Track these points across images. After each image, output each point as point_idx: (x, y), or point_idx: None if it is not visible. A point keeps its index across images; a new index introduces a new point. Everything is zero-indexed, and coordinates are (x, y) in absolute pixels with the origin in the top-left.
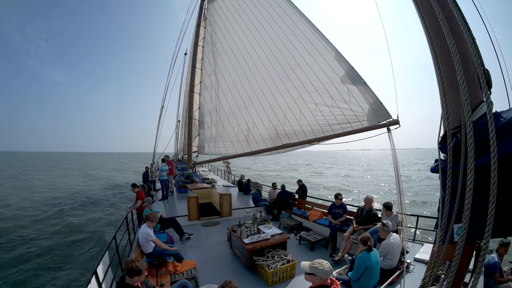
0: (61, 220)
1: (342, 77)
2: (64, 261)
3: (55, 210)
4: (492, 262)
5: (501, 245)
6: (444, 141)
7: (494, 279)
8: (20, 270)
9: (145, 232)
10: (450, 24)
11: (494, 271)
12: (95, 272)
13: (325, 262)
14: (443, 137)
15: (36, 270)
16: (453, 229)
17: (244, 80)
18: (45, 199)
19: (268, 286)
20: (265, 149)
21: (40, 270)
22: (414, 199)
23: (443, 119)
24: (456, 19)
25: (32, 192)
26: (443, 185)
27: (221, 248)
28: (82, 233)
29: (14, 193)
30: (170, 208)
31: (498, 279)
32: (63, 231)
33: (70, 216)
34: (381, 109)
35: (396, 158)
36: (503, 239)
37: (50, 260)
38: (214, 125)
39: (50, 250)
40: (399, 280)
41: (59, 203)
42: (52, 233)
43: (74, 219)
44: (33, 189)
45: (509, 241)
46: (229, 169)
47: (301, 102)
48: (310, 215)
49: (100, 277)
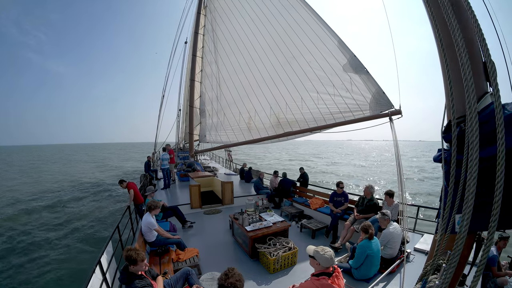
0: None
1: (344, 65)
2: (67, 252)
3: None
4: (490, 255)
5: (500, 239)
6: (447, 131)
7: (492, 272)
8: (23, 261)
9: (147, 221)
10: (457, 13)
11: (492, 264)
12: (99, 262)
13: (328, 249)
14: (447, 126)
15: (40, 260)
16: (455, 219)
17: (245, 68)
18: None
19: (269, 273)
20: (267, 137)
21: (43, 261)
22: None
23: (447, 108)
24: (464, 7)
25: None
26: (446, 175)
27: (223, 236)
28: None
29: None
30: (172, 196)
31: (496, 272)
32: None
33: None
34: (384, 99)
35: (398, 148)
36: (502, 232)
37: (54, 250)
38: (215, 113)
39: (54, 239)
40: (399, 269)
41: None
42: (56, 224)
43: (84, 207)
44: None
45: (508, 235)
46: (231, 157)
47: (303, 90)
48: (312, 203)
49: (104, 267)
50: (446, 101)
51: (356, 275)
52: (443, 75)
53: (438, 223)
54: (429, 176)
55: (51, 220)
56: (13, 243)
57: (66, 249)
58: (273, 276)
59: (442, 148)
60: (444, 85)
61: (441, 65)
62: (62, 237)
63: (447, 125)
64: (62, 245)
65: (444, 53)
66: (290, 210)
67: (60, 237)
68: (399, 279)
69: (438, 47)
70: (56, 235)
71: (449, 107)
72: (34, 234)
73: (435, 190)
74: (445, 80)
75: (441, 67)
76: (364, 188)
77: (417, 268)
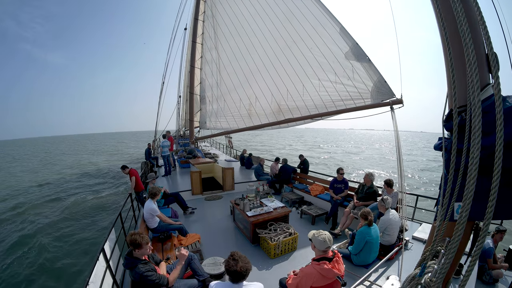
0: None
1: (346, 53)
2: (71, 241)
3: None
4: (487, 247)
5: (497, 232)
6: (448, 119)
7: (487, 264)
8: (26, 250)
9: (150, 207)
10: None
11: (488, 256)
12: (103, 249)
13: (325, 233)
14: (448, 115)
15: (43, 249)
16: (454, 207)
17: (246, 54)
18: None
19: (270, 258)
20: (267, 124)
21: (47, 250)
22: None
23: (449, 97)
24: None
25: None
26: (446, 163)
27: (224, 222)
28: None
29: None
30: (173, 183)
31: (491, 264)
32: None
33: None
34: (385, 88)
35: (399, 138)
36: (499, 226)
37: (57, 240)
38: (215, 100)
39: (57, 229)
40: (397, 256)
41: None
42: (61, 211)
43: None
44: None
45: (505, 228)
46: (231, 144)
47: (304, 77)
48: (312, 189)
49: (107, 254)
50: (448, 90)
51: (355, 261)
52: (445, 64)
53: (438, 210)
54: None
55: (55, 209)
56: (14, 233)
57: (69, 238)
58: (274, 261)
59: (443, 136)
60: (446, 74)
61: (444, 54)
62: (64, 226)
63: (448, 114)
64: (66, 235)
65: (448, 42)
66: (290, 196)
67: (63, 226)
68: (397, 266)
69: (441, 35)
70: (60, 225)
71: (451, 96)
72: (38, 222)
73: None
74: (447, 68)
75: (444, 56)
76: (364, 175)
77: (415, 256)
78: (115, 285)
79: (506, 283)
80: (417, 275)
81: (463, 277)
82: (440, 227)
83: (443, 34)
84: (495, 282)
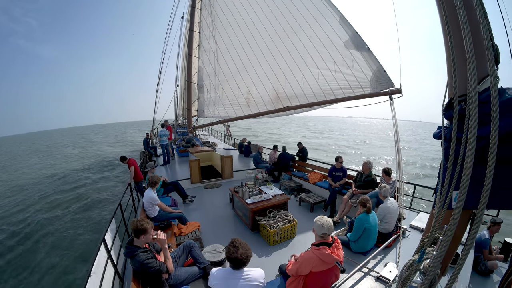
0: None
1: (346, 42)
2: (72, 233)
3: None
4: (483, 239)
5: (493, 224)
6: (448, 108)
7: (483, 255)
8: (30, 242)
9: (149, 196)
10: None
11: (484, 247)
12: (104, 240)
13: (327, 219)
14: (448, 103)
15: (45, 241)
16: (452, 195)
17: (244, 42)
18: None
19: (269, 245)
20: (266, 112)
21: (48, 242)
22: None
23: (449, 86)
24: None
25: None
26: (445, 151)
27: (223, 210)
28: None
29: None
30: (172, 172)
31: (487, 255)
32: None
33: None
34: (384, 77)
35: (397, 127)
36: (495, 217)
37: (58, 231)
38: (213, 88)
39: (58, 220)
40: (395, 244)
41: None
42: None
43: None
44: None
45: (501, 220)
46: (229, 132)
47: (303, 65)
48: (310, 177)
49: (108, 244)
50: (448, 79)
51: (353, 248)
52: (446, 52)
53: (436, 198)
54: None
55: (55, 203)
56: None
57: (71, 230)
58: (273, 248)
59: (442, 125)
60: (446, 62)
61: (444, 42)
62: (64, 216)
63: (448, 103)
64: (67, 227)
65: (449, 30)
66: (289, 184)
67: (63, 216)
68: (395, 254)
69: (442, 21)
70: (60, 217)
71: (451, 85)
72: (37, 216)
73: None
74: (448, 56)
75: (445, 44)
76: (363, 163)
77: (412, 244)
78: (116, 274)
79: (500, 274)
80: (415, 261)
81: (459, 263)
82: (438, 214)
83: (444, 22)
84: (490, 273)
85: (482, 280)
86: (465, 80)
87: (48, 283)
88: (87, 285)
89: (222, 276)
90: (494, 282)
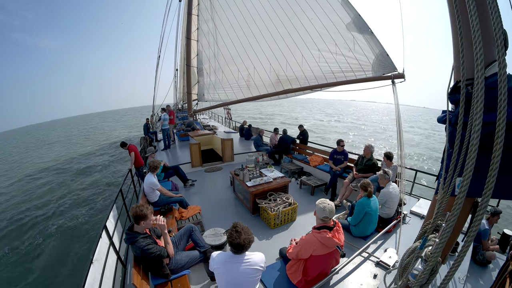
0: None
1: (348, 24)
2: (73, 220)
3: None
4: (483, 229)
5: (493, 214)
6: (453, 92)
7: (482, 245)
8: (28, 234)
9: (150, 181)
10: None
11: (483, 237)
12: (105, 227)
13: (329, 202)
14: (454, 87)
15: (47, 229)
16: (455, 182)
17: (244, 24)
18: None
19: (270, 228)
20: (266, 94)
21: (49, 230)
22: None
23: (455, 69)
24: None
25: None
26: (450, 136)
27: (224, 193)
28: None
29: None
30: (173, 156)
31: (486, 246)
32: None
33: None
34: (387, 61)
35: (399, 112)
36: (495, 208)
37: (58, 219)
38: (213, 72)
39: (59, 208)
40: (395, 229)
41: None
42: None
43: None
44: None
45: (500, 210)
46: (230, 116)
47: (303, 47)
48: (311, 160)
49: (110, 231)
50: (454, 62)
51: (354, 232)
52: (453, 34)
53: (439, 184)
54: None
55: (57, 191)
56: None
57: (72, 217)
58: (274, 231)
59: (447, 109)
60: (453, 44)
61: (451, 23)
62: (65, 204)
63: (454, 86)
64: (68, 215)
65: (457, 9)
66: (289, 167)
67: (64, 207)
68: (395, 239)
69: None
70: (61, 205)
71: (457, 68)
72: (37, 206)
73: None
74: (455, 38)
75: (452, 25)
76: (364, 147)
77: (413, 230)
78: (119, 261)
79: (497, 265)
80: (417, 247)
81: (461, 252)
82: (442, 200)
83: (454, 6)
84: (487, 263)
85: (480, 270)
86: (472, 63)
87: (48, 271)
88: (89, 273)
89: (222, 260)
90: (491, 273)
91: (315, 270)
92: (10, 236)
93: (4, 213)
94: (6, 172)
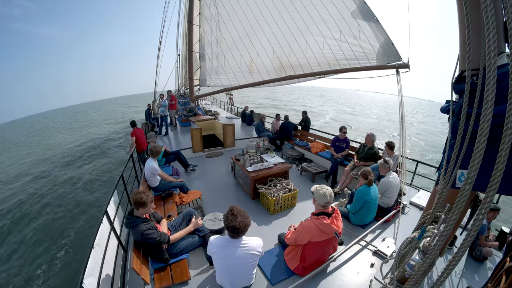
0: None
1: (353, 11)
2: (75, 206)
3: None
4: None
5: (491, 210)
6: (458, 81)
7: (480, 241)
8: (28, 220)
9: (151, 166)
10: None
11: (481, 232)
12: (106, 212)
13: (327, 187)
14: (459, 76)
15: (47, 215)
16: (457, 174)
17: (247, 9)
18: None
19: (270, 214)
20: (269, 80)
21: (50, 216)
22: None
23: (461, 58)
24: None
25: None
26: (453, 127)
27: (225, 178)
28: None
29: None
30: (175, 141)
31: (483, 242)
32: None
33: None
34: (392, 50)
35: (402, 102)
36: (494, 203)
37: (60, 206)
38: (215, 57)
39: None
40: (394, 219)
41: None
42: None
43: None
44: None
45: (499, 207)
46: (232, 101)
47: (307, 33)
48: (313, 147)
49: (111, 216)
50: (460, 51)
51: (353, 220)
52: (459, 23)
53: (439, 175)
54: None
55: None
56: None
57: (74, 204)
58: (273, 217)
59: (451, 99)
60: (460, 33)
61: (458, 11)
62: (66, 188)
63: (459, 75)
64: (69, 201)
65: (466, 5)
66: (291, 153)
67: (65, 193)
68: (394, 229)
69: None
70: (62, 192)
71: (463, 57)
72: (43, 189)
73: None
74: (462, 27)
75: (459, 13)
76: (366, 135)
77: (411, 221)
78: (120, 246)
79: (493, 262)
80: (415, 238)
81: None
82: (442, 192)
83: None
84: (484, 259)
85: (476, 266)
86: (478, 53)
87: (49, 258)
88: (90, 257)
89: (220, 244)
90: (487, 269)
91: (313, 257)
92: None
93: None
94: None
